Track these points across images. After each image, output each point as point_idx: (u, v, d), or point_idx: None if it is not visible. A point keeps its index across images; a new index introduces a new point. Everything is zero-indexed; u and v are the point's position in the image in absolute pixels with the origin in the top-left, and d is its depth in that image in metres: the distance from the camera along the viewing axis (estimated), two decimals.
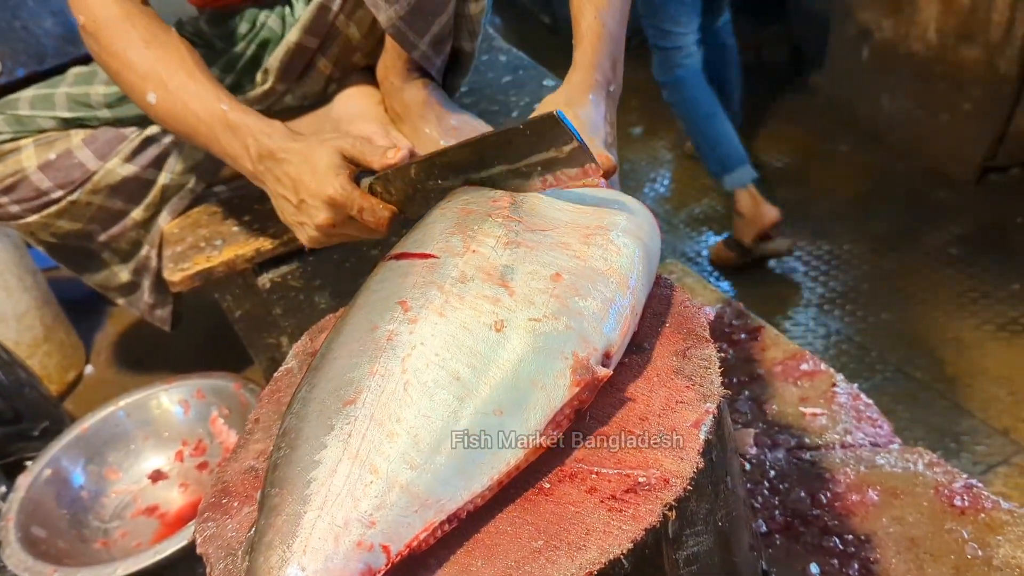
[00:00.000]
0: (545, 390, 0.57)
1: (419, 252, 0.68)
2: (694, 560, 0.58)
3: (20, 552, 1.25)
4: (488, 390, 0.56)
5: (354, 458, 0.53)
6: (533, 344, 0.58)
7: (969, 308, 2.06)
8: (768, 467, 1.00)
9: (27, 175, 1.32)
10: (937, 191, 2.51)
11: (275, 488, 0.53)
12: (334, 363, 0.60)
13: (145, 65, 1.07)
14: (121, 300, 1.55)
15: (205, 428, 1.52)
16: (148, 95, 1.08)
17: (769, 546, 0.90)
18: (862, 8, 2.70)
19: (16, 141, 1.33)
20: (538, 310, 0.60)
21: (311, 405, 0.58)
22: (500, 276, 0.63)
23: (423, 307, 0.61)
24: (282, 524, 0.50)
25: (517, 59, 1.75)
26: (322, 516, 0.50)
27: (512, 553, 0.53)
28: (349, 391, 0.57)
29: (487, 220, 0.70)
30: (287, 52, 1.28)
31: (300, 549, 0.49)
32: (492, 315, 0.60)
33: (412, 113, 1.31)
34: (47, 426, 1.59)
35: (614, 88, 1.08)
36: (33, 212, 1.35)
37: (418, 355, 0.58)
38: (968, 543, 0.86)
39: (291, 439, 0.56)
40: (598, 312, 0.62)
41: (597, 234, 0.69)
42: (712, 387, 0.61)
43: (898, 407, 1.81)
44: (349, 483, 0.51)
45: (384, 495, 0.51)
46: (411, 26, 1.20)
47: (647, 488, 0.55)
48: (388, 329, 0.60)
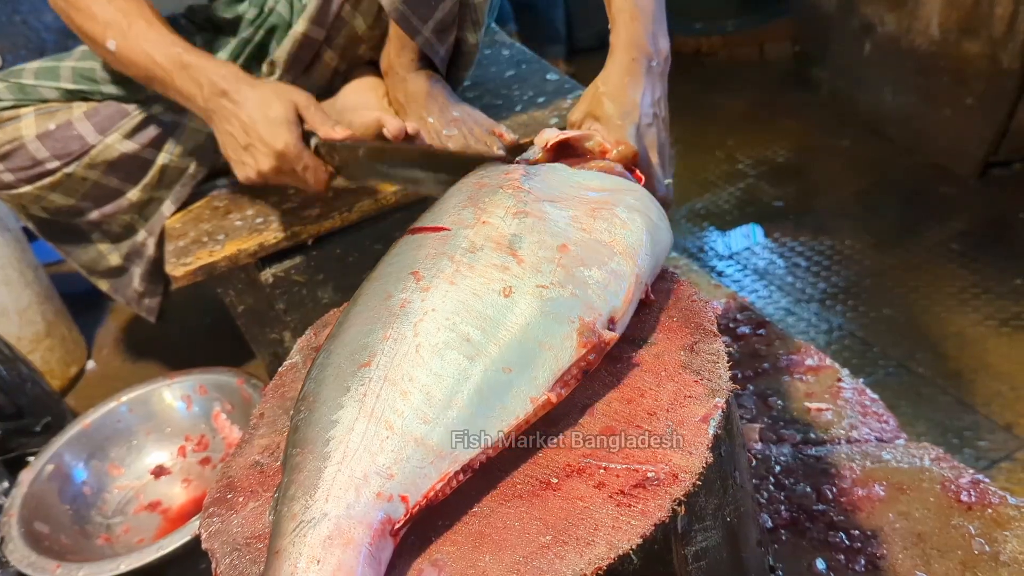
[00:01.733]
0: (552, 350, 0.59)
1: (433, 226, 0.71)
2: (703, 555, 0.58)
3: (23, 547, 1.24)
4: (497, 350, 0.58)
5: (369, 416, 0.55)
6: (540, 308, 0.61)
7: (972, 303, 2.05)
8: (773, 462, 1.00)
9: (24, 143, 1.31)
10: (940, 186, 2.51)
11: (296, 448, 0.56)
12: (349, 330, 0.63)
13: (106, 15, 1.15)
14: (105, 285, 1.55)
15: (208, 423, 1.52)
16: (108, 42, 1.15)
17: (775, 541, 0.90)
18: (864, 2, 2.69)
19: (17, 109, 1.33)
20: (545, 278, 0.63)
21: (328, 370, 0.60)
22: (508, 245, 0.66)
23: (434, 276, 0.64)
24: (304, 479, 0.53)
25: (520, 53, 1.74)
26: (342, 470, 0.52)
27: (520, 548, 0.52)
28: (364, 355, 0.59)
29: (498, 192, 0.73)
30: (294, 43, 1.29)
31: (323, 498, 0.51)
32: (501, 282, 0.62)
33: (415, 103, 1.31)
34: (49, 421, 1.59)
35: (657, 63, 1.05)
36: (27, 182, 1.35)
37: (430, 320, 0.60)
38: (975, 538, 0.85)
39: (310, 402, 0.59)
40: (602, 281, 0.64)
41: (604, 208, 0.71)
42: (720, 381, 0.61)
43: (901, 402, 1.80)
44: (366, 439, 0.54)
45: (400, 449, 0.53)
46: (414, 11, 1.21)
47: (656, 483, 0.54)
48: (401, 297, 0.63)
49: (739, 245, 2.52)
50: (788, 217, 2.51)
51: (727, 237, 2.56)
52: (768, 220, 2.58)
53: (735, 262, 2.44)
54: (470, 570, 0.52)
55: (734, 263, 2.44)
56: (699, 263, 2.48)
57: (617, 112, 0.93)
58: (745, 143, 2.90)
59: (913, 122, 2.64)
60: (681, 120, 2.60)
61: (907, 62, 2.58)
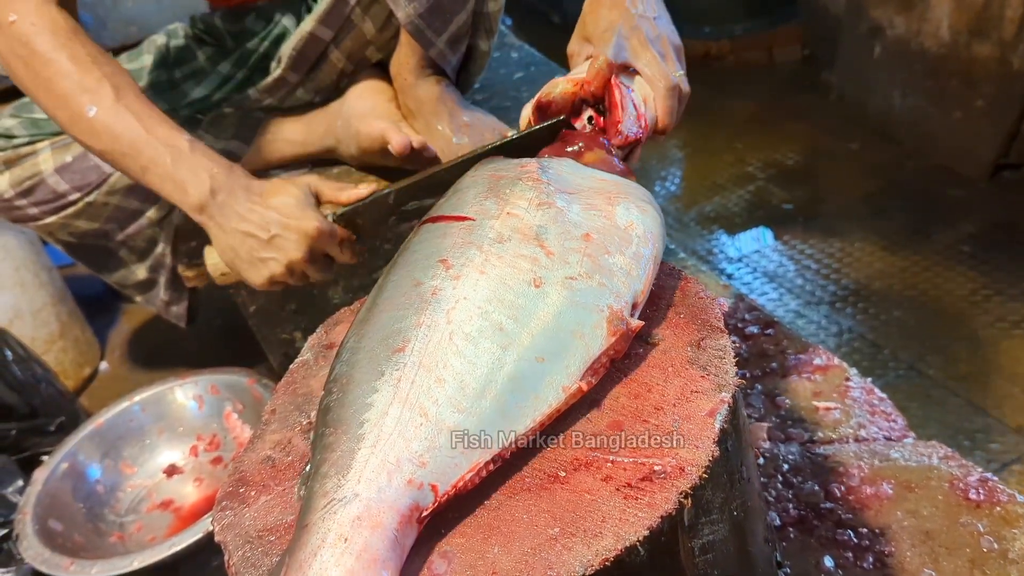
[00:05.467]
0: (584, 339, 0.60)
1: (455, 215, 0.71)
2: (709, 548, 0.58)
3: (37, 544, 1.26)
4: (530, 339, 0.59)
5: (404, 402, 0.55)
6: (571, 299, 0.62)
7: (982, 306, 2.05)
8: (781, 461, 1.00)
9: (44, 178, 1.33)
10: (949, 189, 2.50)
11: (329, 428, 0.56)
12: (380, 315, 0.63)
13: (89, 78, 1.00)
14: (139, 298, 1.57)
15: (219, 423, 1.53)
16: (87, 107, 1.00)
17: (783, 539, 0.90)
18: (874, 5, 2.68)
19: (32, 144, 1.34)
20: (573, 269, 0.64)
21: (360, 353, 0.61)
22: (536, 236, 0.66)
23: (464, 265, 0.64)
24: (337, 459, 0.53)
25: (529, 56, 1.76)
26: (375, 453, 0.53)
27: (528, 540, 0.53)
28: (397, 340, 0.60)
29: (518, 183, 0.74)
30: (300, 40, 1.28)
31: (355, 479, 0.51)
32: (531, 272, 0.63)
33: (425, 110, 1.32)
34: (63, 421, 1.60)
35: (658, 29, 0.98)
36: (51, 214, 1.36)
37: (462, 308, 0.61)
38: (983, 536, 0.85)
39: (343, 384, 0.59)
40: (625, 267, 0.65)
41: (620, 195, 0.73)
42: (727, 377, 0.62)
43: (911, 405, 1.80)
44: (400, 425, 0.54)
45: (434, 437, 0.54)
46: (429, 24, 1.21)
47: (663, 476, 0.55)
48: (432, 285, 0.63)
49: (748, 248, 2.52)
50: (797, 220, 2.51)
51: (736, 240, 2.56)
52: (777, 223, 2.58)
53: (744, 265, 2.44)
54: (479, 562, 0.52)
55: (743, 266, 2.44)
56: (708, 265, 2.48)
57: (599, 26, 0.94)
58: (754, 146, 2.90)
59: (923, 125, 2.64)
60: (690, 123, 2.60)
61: (916, 65, 2.57)
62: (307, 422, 0.70)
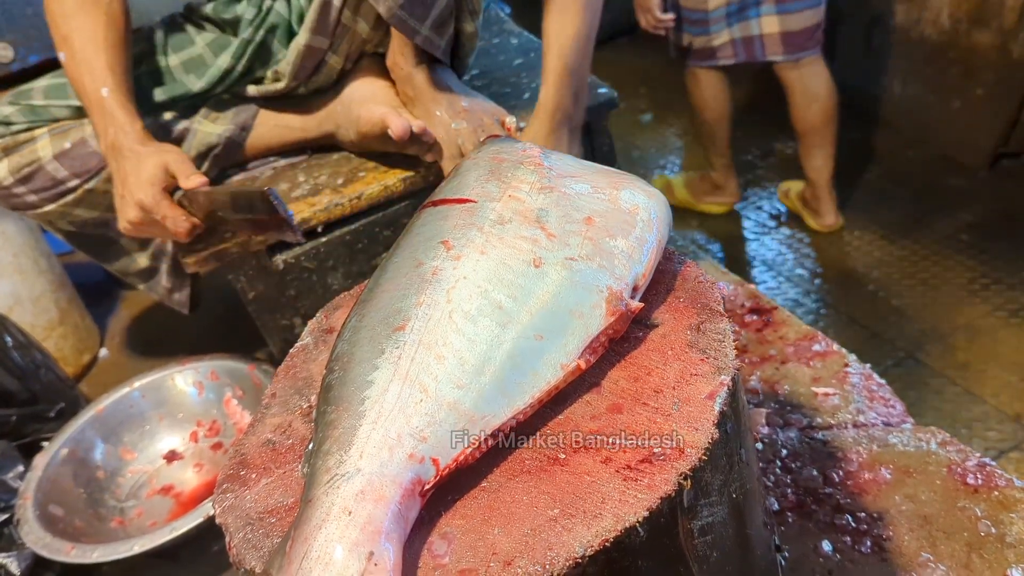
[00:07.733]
0: (583, 318, 0.60)
1: (457, 198, 0.72)
2: (708, 530, 0.59)
3: (38, 529, 1.26)
4: (529, 317, 0.60)
5: (404, 378, 0.56)
6: (570, 279, 0.62)
7: (981, 294, 2.05)
8: (780, 446, 1.00)
9: (43, 165, 1.32)
10: (949, 177, 2.50)
11: (331, 406, 0.57)
12: (382, 295, 0.64)
13: (66, 27, 1.21)
14: (142, 286, 1.57)
15: (219, 409, 1.54)
16: (60, 54, 1.23)
17: (781, 524, 0.91)
18: None
19: (31, 131, 1.33)
20: (573, 250, 0.64)
21: (362, 332, 0.61)
22: (536, 218, 0.67)
23: (464, 246, 0.65)
24: (339, 435, 0.54)
25: (528, 42, 1.75)
26: (376, 429, 0.53)
27: (529, 521, 0.53)
28: (398, 319, 0.60)
29: (520, 167, 0.74)
30: (298, 55, 1.29)
31: (357, 454, 0.52)
32: (531, 253, 0.64)
33: (424, 97, 1.32)
34: (63, 407, 1.61)
35: (576, 122, 1.32)
36: (50, 201, 1.36)
37: (462, 287, 0.61)
38: (981, 520, 0.86)
39: (344, 362, 0.60)
40: (627, 250, 0.65)
41: (624, 179, 0.73)
42: (726, 360, 0.62)
43: (909, 393, 1.80)
44: (400, 401, 0.55)
45: (434, 412, 0.55)
46: (411, 13, 1.22)
47: (662, 458, 0.55)
48: (433, 265, 0.64)
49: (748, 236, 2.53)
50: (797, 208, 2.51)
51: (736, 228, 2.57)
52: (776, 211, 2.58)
53: (744, 253, 2.45)
54: (479, 543, 0.52)
55: (743, 253, 2.44)
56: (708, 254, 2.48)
57: None
58: (753, 135, 2.90)
59: (922, 114, 2.64)
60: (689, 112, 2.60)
61: (916, 53, 2.57)
62: (307, 406, 0.70)
